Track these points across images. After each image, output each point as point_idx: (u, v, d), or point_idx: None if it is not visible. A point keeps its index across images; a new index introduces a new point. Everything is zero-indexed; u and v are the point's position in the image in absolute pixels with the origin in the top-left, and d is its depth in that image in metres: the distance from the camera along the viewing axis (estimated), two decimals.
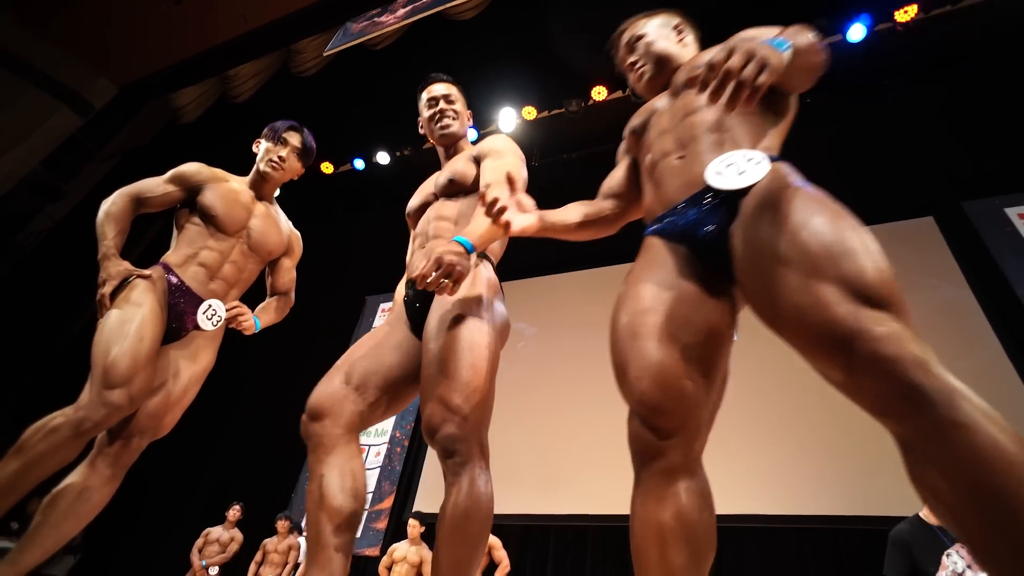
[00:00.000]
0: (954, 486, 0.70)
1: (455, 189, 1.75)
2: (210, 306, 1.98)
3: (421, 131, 2.01)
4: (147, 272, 1.91)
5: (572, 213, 1.62)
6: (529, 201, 1.44)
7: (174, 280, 1.94)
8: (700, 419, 1.03)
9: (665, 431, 0.99)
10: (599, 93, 5.77)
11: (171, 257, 2.01)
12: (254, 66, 6.81)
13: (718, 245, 1.10)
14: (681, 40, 1.54)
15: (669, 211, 1.23)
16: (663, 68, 1.49)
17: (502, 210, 1.30)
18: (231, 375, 3.59)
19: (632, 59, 1.55)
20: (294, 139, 2.19)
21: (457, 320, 1.39)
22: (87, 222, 7.15)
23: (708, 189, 1.15)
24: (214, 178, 2.10)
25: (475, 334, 1.39)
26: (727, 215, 1.11)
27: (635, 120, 1.51)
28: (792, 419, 4.41)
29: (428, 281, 1.25)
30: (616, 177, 1.62)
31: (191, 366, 1.95)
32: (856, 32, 4.93)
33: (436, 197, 1.80)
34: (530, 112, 6.10)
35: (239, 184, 2.17)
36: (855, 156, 5.48)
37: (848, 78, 5.58)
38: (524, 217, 1.41)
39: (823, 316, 0.84)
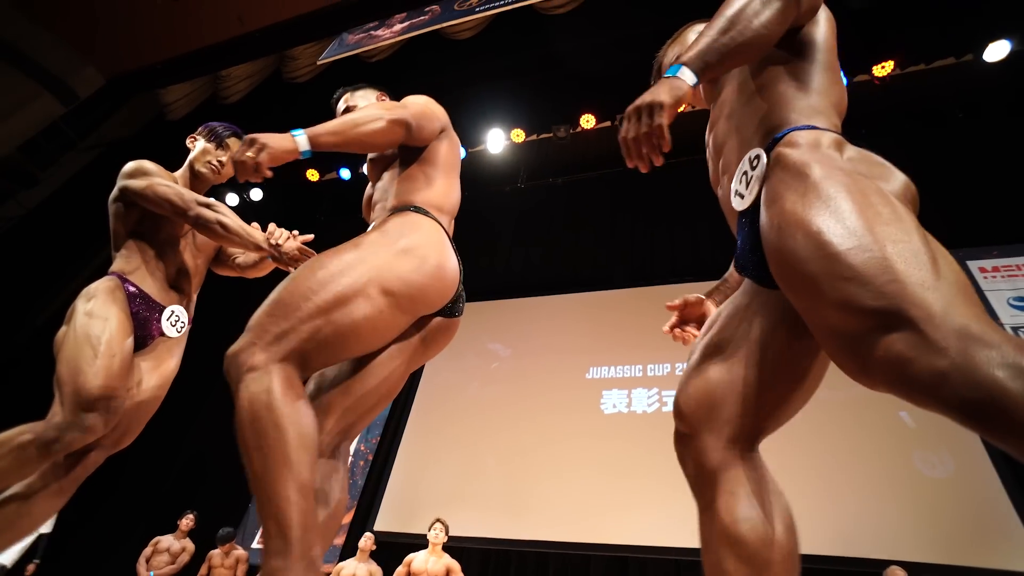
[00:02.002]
0: None
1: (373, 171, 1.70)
2: (173, 312, 1.93)
3: None
4: None
5: None
6: None
7: (132, 289, 1.86)
8: (733, 411, 1.05)
9: (684, 431, 1.10)
10: (587, 121, 5.88)
11: (122, 266, 1.91)
12: (247, 68, 6.80)
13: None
14: None
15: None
16: None
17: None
18: (195, 379, 3.51)
19: None
20: (235, 147, 2.09)
21: None
22: (59, 212, 6.98)
23: (741, 214, 1.07)
24: (162, 176, 1.99)
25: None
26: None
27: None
28: (771, 456, 4.46)
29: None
30: None
31: (155, 375, 1.88)
32: None
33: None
34: (519, 135, 6.18)
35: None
36: None
37: None
38: None
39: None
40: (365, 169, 1.73)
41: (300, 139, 1.28)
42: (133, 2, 5.54)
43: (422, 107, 1.53)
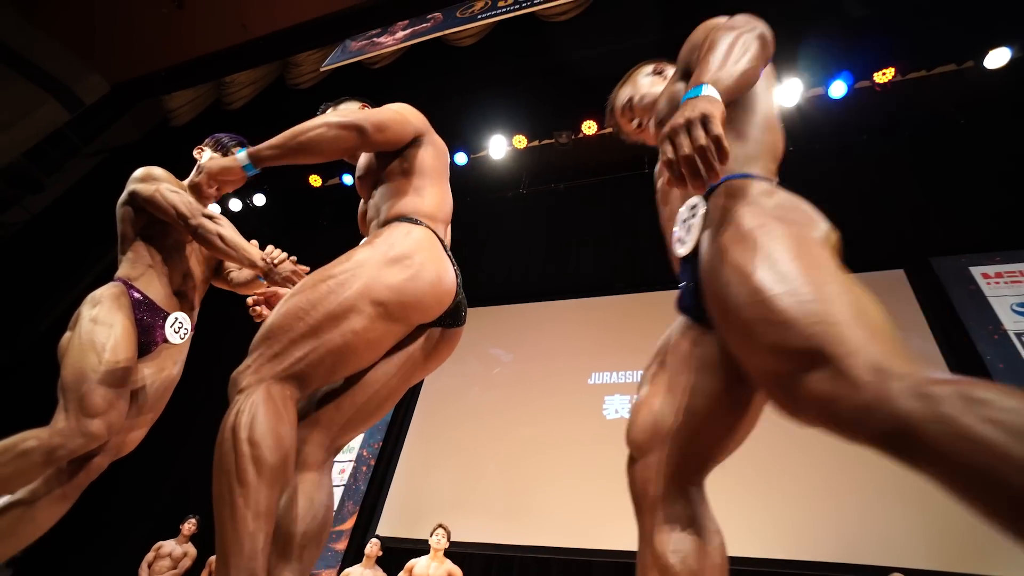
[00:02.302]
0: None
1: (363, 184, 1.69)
2: (176, 319, 1.93)
3: None
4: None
5: None
6: None
7: (136, 295, 1.87)
8: (677, 443, 1.06)
9: (634, 456, 1.10)
10: (589, 127, 5.90)
11: (128, 271, 1.91)
12: (250, 75, 6.85)
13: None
14: (665, 77, 1.55)
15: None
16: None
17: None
18: (197, 384, 3.52)
19: (635, 122, 1.56)
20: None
21: None
22: (64, 217, 7.03)
23: (683, 259, 1.11)
24: (171, 183, 2.00)
25: None
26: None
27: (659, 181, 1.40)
28: (795, 465, 4.45)
29: None
30: None
31: (158, 381, 1.89)
32: (837, 89, 5.15)
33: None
34: (520, 141, 6.20)
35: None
36: (831, 206, 5.66)
37: (828, 131, 5.82)
38: None
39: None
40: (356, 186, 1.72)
41: (240, 155, 1.36)
42: (137, 10, 5.59)
43: (384, 111, 1.51)
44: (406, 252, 1.30)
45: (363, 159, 1.66)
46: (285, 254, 1.84)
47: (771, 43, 1.13)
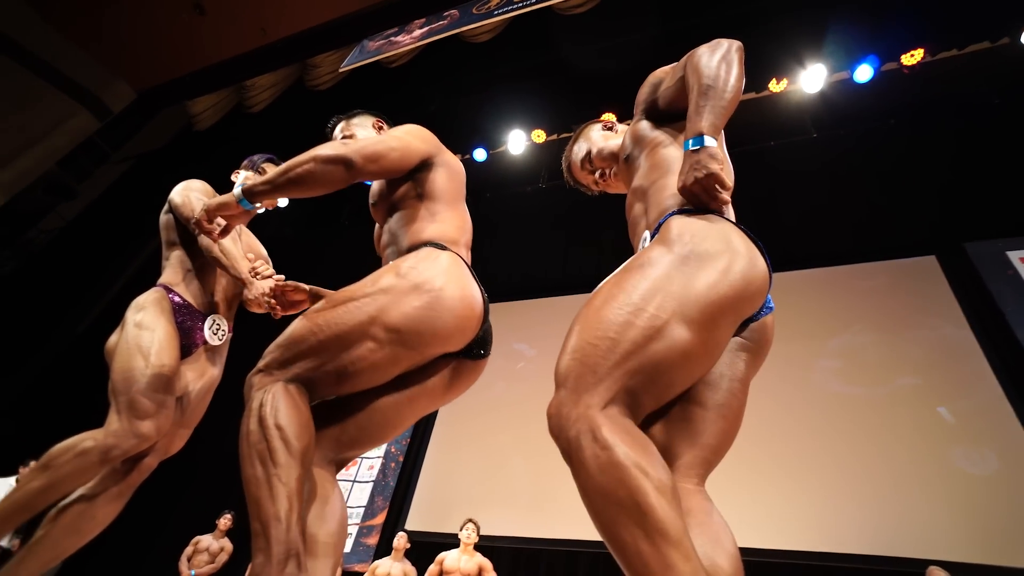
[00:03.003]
0: None
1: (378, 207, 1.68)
2: (214, 321, 2.02)
3: None
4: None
5: None
6: None
7: (176, 299, 1.96)
8: (684, 443, 1.10)
9: None
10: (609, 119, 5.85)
11: (168, 277, 2.02)
12: (270, 78, 6.93)
13: None
14: (616, 132, 1.70)
15: None
16: (617, 160, 1.58)
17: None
18: (229, 383, 3.60)
19: (597, 173, 1.67)
20: (271, 171, 2.20)
21: None
22: (97, 223, 7.23)
23: None
24: (203, 193, 2.11)
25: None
26: None
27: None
28: (812, 454, 4.39)
29: None
30: None
31: (200, 383, 1.98)
32: (863, 73, 5.01)
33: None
34: (539, 135, 6.18)
35: None
36: (859, 193, 5.54)
37: (854, 117, 5.68)
38: None
39: None
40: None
41: (236, 191, 1.38)
42: (161, 18, 5.70)
43: (381, 139, 1.47)
44: (429, 279, 1.30)
45: (375, 185, 1.64)
46: (272, 271, 1.85)
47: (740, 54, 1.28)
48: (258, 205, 1.43)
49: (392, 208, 1.56)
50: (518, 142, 6.22)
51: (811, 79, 5.10)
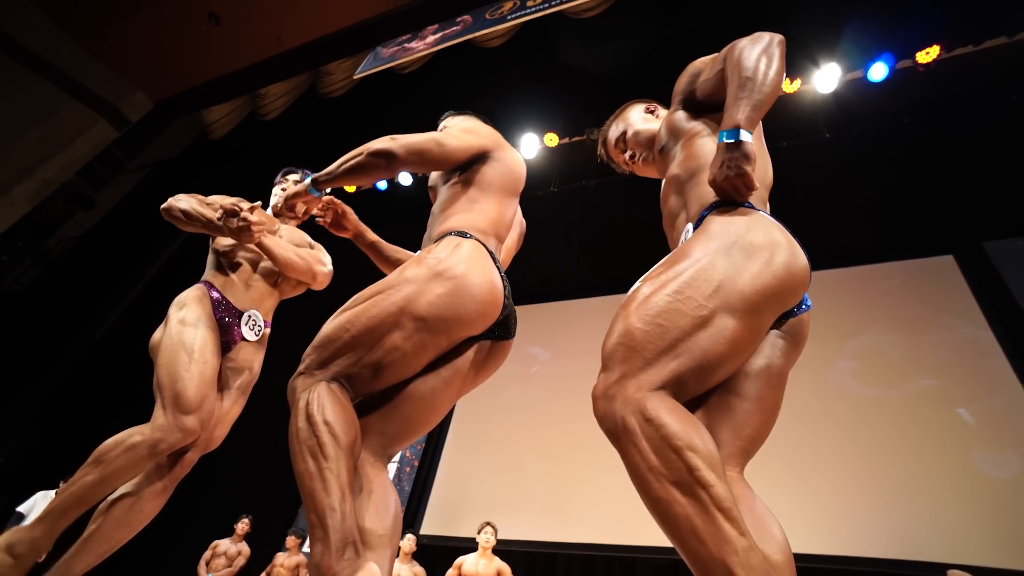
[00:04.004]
0: None
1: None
2: (250, 317, 2.07)
3: None
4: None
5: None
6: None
7: (215, 295, 2.04)
8: (727, 433, 1.14)
9: None
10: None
11: (210, 275, 2.12)
12: (284, 86, 7.01)
13: None
14: (657, 117, 1.70)
15: None
16: (653, 147, 1.62)
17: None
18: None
19: (628, 154, 1.70)
20: (293, 174, 2.42)
21: None
22: (114, 231, 7.32)
23: None
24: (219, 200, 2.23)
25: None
26: None
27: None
28: (829, 456, 4.36)
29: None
30: None
31: (239, 379, 2.03)
32: (878, 71, 4.98)
33: None
34: (552, 139, 6.20)
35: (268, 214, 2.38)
36: (874, 193, 5.50)
37: (867, 116, 5.64)
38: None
39: None
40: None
41: (306, 181, 1.57)
42: (177, 28, 5.79)
43: (425, 137, 1.55)
44: (450, 266, 1.34)
45: (434, 172, 1.75)
46: (246, 204, 1.98)
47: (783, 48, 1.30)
48: (324, 192, 1.60)
49: (439, 194, 1.65)
50: (531, 146, 6.24)
51: (825, 79, 5.08)
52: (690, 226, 1.28)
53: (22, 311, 6.46)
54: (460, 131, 1.63)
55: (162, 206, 2.03)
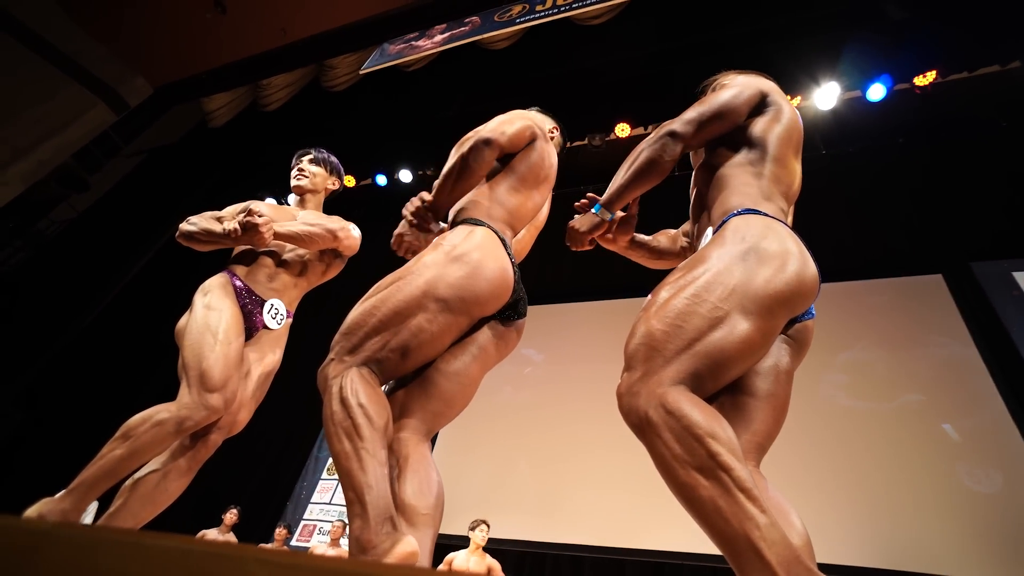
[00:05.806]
0: None
1: None
2: (272, 305, 2.10)
3: None
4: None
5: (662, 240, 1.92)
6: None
7: (238, 283, 2.07)
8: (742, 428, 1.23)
9: None
10: (623, 130, 5.91)
11: (233, 262, 2.17)
12: (286, 77, 6.98)
13: None
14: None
15: None
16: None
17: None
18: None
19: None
20: (308, 155, 2.45)
21: None
22: (107, 216, 7.22)
23: None
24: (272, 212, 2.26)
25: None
26: None
27: None
28: (816, 467, 4.44)
29: None
30: None
31: (261, 365, 2.05)
32: (876, 92, 5.09)
33: None
34: None
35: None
36: (868, 210, 5.61)
37: (863, 134, 5.76)
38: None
39: None
40: None
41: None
42: (182, 16, 5.74)
43: (499, 122, 1.69)
44: (467, 251, 1.43)
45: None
46: (255, 205, 2.07)
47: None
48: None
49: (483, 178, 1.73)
50: None
51: (824, 96, 5.18)
52: (710, 230, 1.37)
53: (10, 293, 6.36)
54: (512, 116, 1.76)
55: (176, 236, 2.11)
